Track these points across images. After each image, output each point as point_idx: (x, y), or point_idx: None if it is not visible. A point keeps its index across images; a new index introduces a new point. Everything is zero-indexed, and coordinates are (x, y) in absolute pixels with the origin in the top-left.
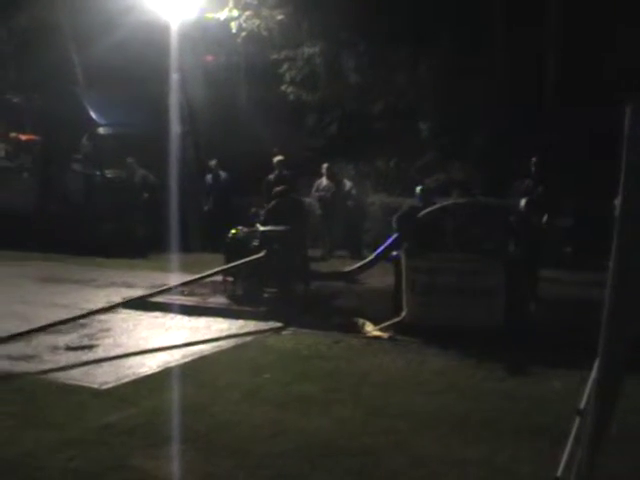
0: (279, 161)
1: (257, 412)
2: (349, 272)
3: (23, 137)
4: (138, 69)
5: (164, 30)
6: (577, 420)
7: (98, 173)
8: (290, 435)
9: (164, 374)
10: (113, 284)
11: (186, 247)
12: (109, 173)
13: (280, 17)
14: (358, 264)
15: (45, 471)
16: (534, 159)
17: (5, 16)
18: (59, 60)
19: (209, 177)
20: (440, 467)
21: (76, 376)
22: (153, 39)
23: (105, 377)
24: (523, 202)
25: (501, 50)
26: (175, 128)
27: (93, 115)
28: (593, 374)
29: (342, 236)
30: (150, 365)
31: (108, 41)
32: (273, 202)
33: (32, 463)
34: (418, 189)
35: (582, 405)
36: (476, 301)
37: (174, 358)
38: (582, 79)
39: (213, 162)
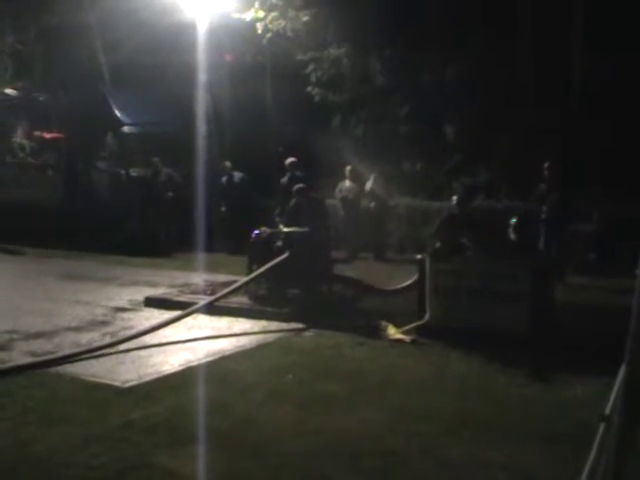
0: (291, 162)
1: (280, 412)
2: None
3: (47, 135)
4: (164, 69)
5: (190, 30)
6: (602, 426)
7: (123, 171)
8: (313, 435)
9: (186, 373)
10: (136, 282)
11: (209, 247)
12: (134, 172)
13: (306, 18)
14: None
15: (70, 468)
16: (547, 164)
17: (34, 16)
18: (86, 59)
19: (224, 179)
20: (464, 470)
21: (99, 373)
22: (179, 39)
23: (128, 375)
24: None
25: (527, 53)
26: (200, 128)
27: (118, 114)
28: (619, 380)
29: (366, 238)
30: (172, 363)
31: (135, 41)
32: (292, 201)
33: (57, 460)
34: (454, 199)
35: (607, 411)
36: (501, 305)
37: (197, 357)
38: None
39: (227, 163)
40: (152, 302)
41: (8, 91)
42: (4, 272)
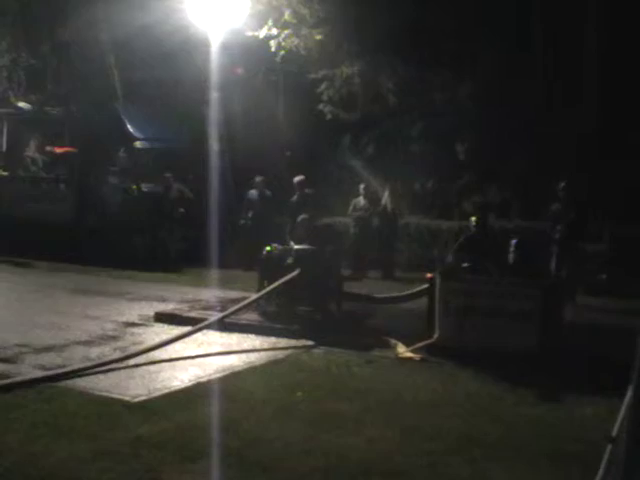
0: (300, 181)
1: (289, 429)
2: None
3: (59, 150)
4: (177, 85)
5: (203, 47)
6: (609, 447)
7: (134, 186)
8: (322, 453)
9: (196, 388)
10: (146, 297)
11: (220, 263)
12: (145, 187)
13: (319, 37)
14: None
15: None
16: (562, 184)
17: (48, 30)
18: (98, 74)
19: (254, 192)
20: None
21: (108, 388)
22: (192, 56)
23: (137, 390)
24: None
25: (540, 73)
26: (212, 144)
27: (130, 129)
28: (626, 401)
29: (375, 256)
30: (182, 379)
31: (148, 56)
32: (302, 219)
33: (65, 474)
34: (473, 220)
35: (614, 432)
36: (510, 324)
37: (206, 373)
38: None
39: (259, 178)
40: (162, 317)
41: (21, 105)
42: (15, 285)
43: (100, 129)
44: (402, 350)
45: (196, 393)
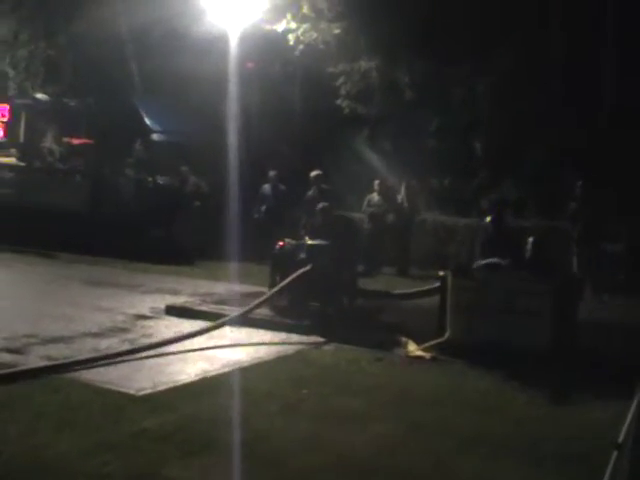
0: (316, 175)
1: (295, 425)
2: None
3: (75, 141)
4: (194, 78)
5: (222, 40)
6: (614, 454)
7: (150, 179)
8: (328, 450)
9: (202, 383)
10: (159, 290)
11: (234, 257)
12: (161, 180)
13: (337, 31)
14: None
15: (78, 476)
16: (579, 182)
17: (66, 22)
18: (117, 66)
19: (267, 187)
20: None
21: (114, 380)
22: (210, 49)
23: (143, 383)
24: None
25: (558, 69)
26: (229, 138)
27: (147, 121)
28: (633, 406)
29: (390, 253)
30: (189, 373)
31: (165, 49)
32: (317, 215)
33: (66, 466)
34: (488, 218)
35: (620, 438)
36: (522, 323)
37: (214, 367)
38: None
39: (273, 173)
40: (173, 311)
41: (39, 96)
42: (29, 276)
43: (116, 121)
44: (413, 348)
45: (203, 387)
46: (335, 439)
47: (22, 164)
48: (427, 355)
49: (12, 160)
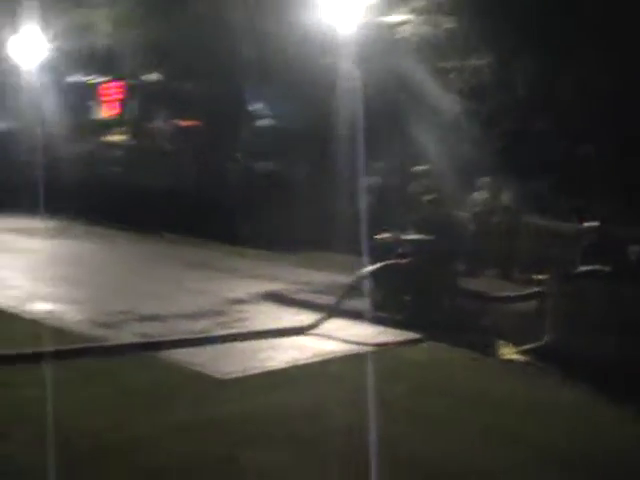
0: (422, 170)
1: (377, 421)
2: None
3: (184, 123)
4: (306, 69)
5: (334, 33)
6: None
7: (255, 165)
8: (403, 450)
9: (291, 371)
10: (256, 276)
11: (337, 247)
12: (264, 165)
13: (449, 25)
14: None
15: (151, 456)
16: None
17: (181, 5)
18: (230, 52)
19: (375, 179)
20: None
21: (202, 362)
22: (324, 41)
23: (231, 367)
24: None
25: None
26: (337, 129)
27: (254, 107)
28: None
29: (494, 254)
30: (279, 360)
31: (279, 38)
32: (421, 210)
33: (141, 446)
34: (590, 224)
35: None
36: (625, 334)
37: (304, 356)
38: None
39: (380, 165)
40: (270, 297)
41: (152, 77)
42: (131, 253)
43: (224, 106)
44: (508, 351)
45: (291, 375)
46: (412, 439)
47: (132, 143)
48: (522, 359)
49: (122, 139)
